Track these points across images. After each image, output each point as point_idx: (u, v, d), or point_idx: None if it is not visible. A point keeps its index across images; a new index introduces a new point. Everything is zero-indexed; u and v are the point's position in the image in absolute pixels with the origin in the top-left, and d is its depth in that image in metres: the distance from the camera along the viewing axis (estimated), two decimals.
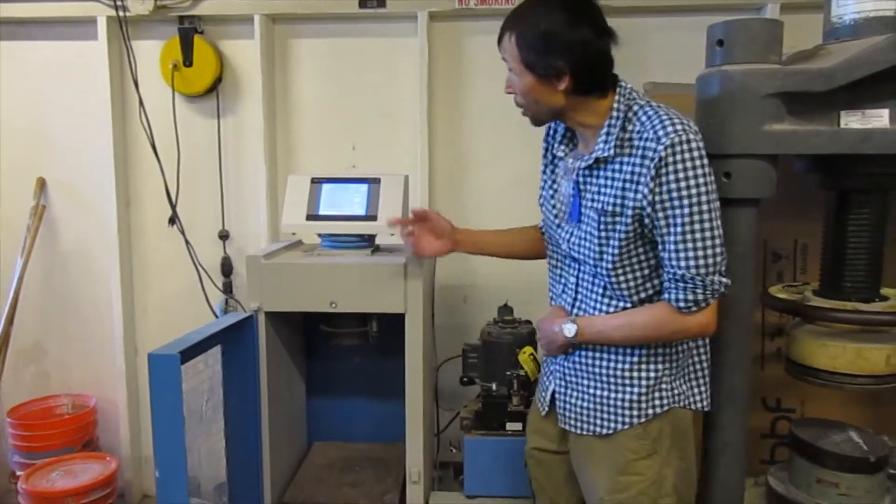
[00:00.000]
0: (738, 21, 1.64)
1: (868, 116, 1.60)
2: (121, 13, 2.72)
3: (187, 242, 2.85)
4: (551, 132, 1.69)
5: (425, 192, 2.79)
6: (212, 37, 2.84)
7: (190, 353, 1.81)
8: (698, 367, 1.61)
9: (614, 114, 1.46)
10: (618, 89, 1.48)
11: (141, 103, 2.78)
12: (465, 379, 2.31)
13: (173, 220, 2.84)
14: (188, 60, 2.78)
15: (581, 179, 1.53)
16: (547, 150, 1.70)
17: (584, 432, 1.60)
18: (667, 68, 2.59)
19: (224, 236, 2.94)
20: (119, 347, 2.98)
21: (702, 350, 1.62)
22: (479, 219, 2.86)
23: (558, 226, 1.62)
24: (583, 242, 1.53)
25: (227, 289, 2.95)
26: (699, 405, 1.61)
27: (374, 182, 2.30)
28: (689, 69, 1.89)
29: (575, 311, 1.60)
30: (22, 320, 2.94)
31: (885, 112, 1.59)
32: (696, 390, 1.60)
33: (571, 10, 1.41)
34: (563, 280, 1.65)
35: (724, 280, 1.44)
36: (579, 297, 1.60)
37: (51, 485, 2.65)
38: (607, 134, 1.46)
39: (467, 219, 2.87)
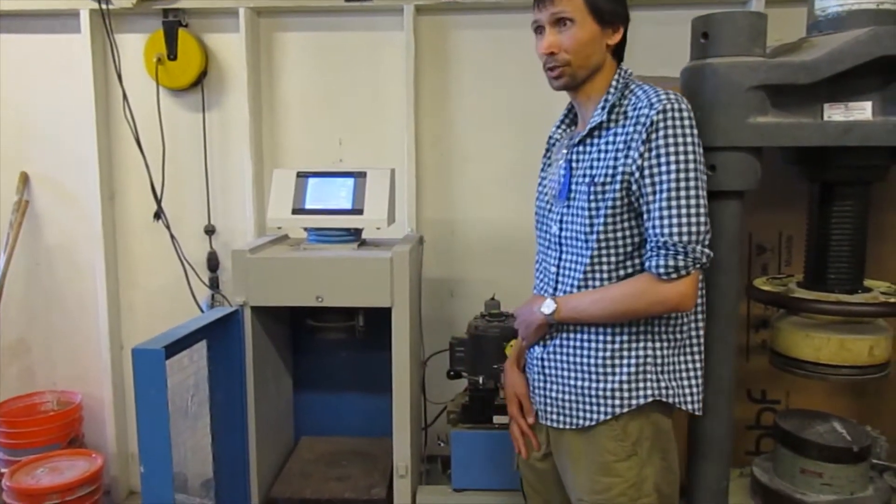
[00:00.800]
0: (722, 14, 1.65)
1: (851, 109, 1.61)
2: (104, 6, 2.70)
3: (173, 237, 2.83)
4: (554, 126, 1.71)
5: (412, 186, 2.78)
6: (196, 30, 2.82)
7: (175, 347, 1.80)
8: (690, 365, 1.56)
9: (611, 89, 1.50)
10: (619, 69, 1.54)
11: (125, 97, 2.75)
12: (452, 373, 2.31)
13: (158, 214, 2.82)
14: (172, 54, 2.76)
15: (574, 157, 1.54)
16: (548, 143, 1.71)
17: (564, 426, 1.56)
18: (651, 61, 2.55)
19: (210, 231, 2.92)
20: (104, 343, 2.96)
21: (696, 348, 1.56)
22: (465, 212, 2.87)
23: (549, 210, 1.61)
24: (573, 219, 1.52)
25: (214, 284, 2.93)
26: (689, 406, 1.55)
27: (360, 176, 2.30)
28: (673, 62, 1.89)
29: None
30: (6, 316, 2.92)
31: (868, 104, 1.60)
32: (686, 390, 1.55)
33: None
34: (544, 271, 1.64)
35: (706, 251, 1.41)
36: (559, 284, 1.57)
37: (36, 482, 2.63)
38: (603, 106, 1.49)
39: (453, 212, 2.87)
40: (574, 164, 1.54)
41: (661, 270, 1.40)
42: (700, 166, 1.41)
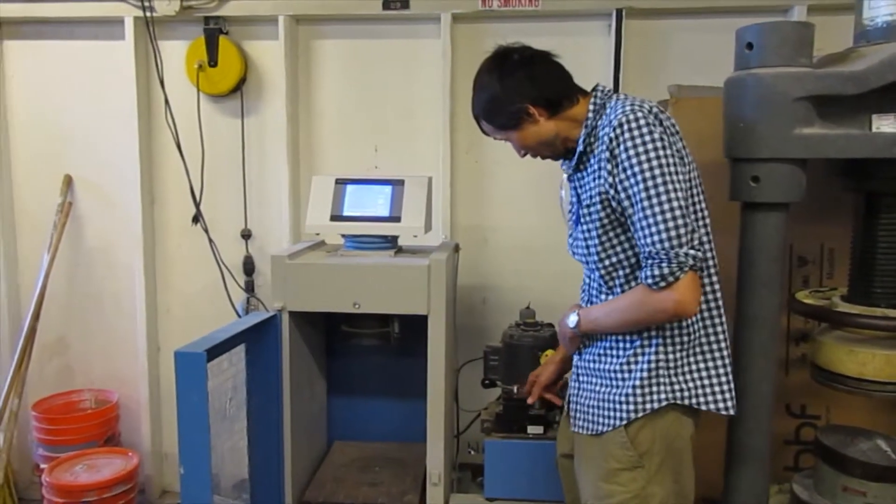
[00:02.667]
0: (768, 24, 1.63)
1: None
2: (148, 14, 2.75)
3: (210, 241, 2.87)
4: None
5: (447, 192, 2.79)
6: (236, 37, 2.86)
7: (215, 351, 1.82)
8: (710, 364, 1.53)
9: (589, 115, 1.54)
10: (594, 93, 1.56)
11: (167, 102, 2.80)
12: (486, 381, 2.30)
13: (197, 218, 2.86)
14: (213, 60, 2.80)
15: (577, 184, 1.60)
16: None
17: (585, 431, 1.60)
18: (691, 71, 2.57)
19: (246, 235, 2.96)
20: (142, 344, 3.01)
21: (712, 339, 1.54)
22: (499, 219, 2.87)
23: (570, 234, 1.68)
24: (577, 242, 1.60)
25: (249, 288, 2.96)
26: (713, 405, 1.52)
27: (397, 183, 2.31)
28: (713, 71, 1.88)
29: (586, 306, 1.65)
30: (47, 315, 2.97)
31: None
32: (707, 389, 1.52)
33: (495, 68, 1.56)
34: (584, 280, 1.70)
35: (691, 252, 1.38)
36: (591, 296, 1.64)
37: (74, 478, 2.68)
38: (584, 133, 1.54)
39: (487, 219, 2.87)
40: (579, 191, 1.60)
41: (650, 281, 1.41)
42: (669, 168, 1.39)
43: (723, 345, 1.55)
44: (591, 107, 1.54)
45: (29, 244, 3.06)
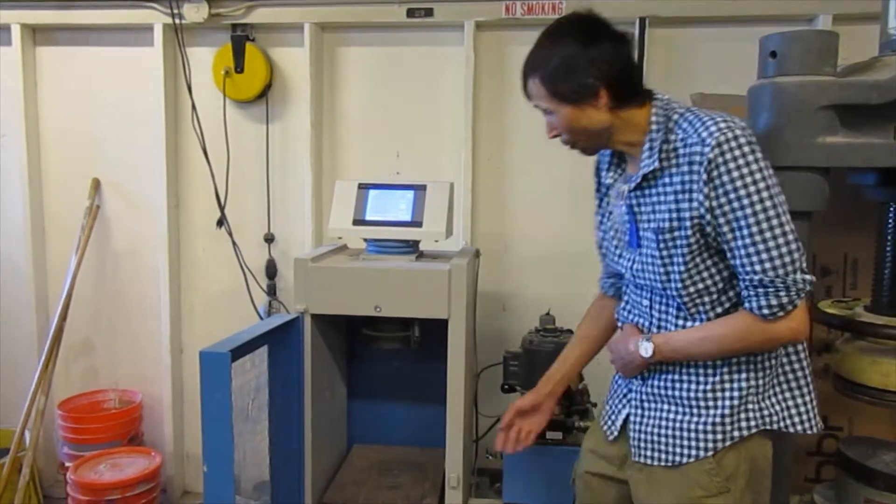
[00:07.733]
0: (792, 33, 1.64)
1: None
2: (177, 21, 2.81)
3: (234, 244, 2.91)
4: (599, 165, 1.64)
5: (468, 199, 2.81)
6: (263, 44, 2.90)
7: (239, 352, 1.85)
8: (792, 382, 1.46)
9: (653, 126, 1.40)
10: (654, 101, 1.42)
11: (193, 108, 2.85)
12: (505, 386, 2.31)
13: (221, 222, 2.90)
14: (240, 67, 2.85)
15: (634, 202, 1.47)
16: (598, 184, 1.65)
17: (657, 462, 1.48)
18: (715, 79, 2.57)
19: (269, 239, 2.99)
20: (165, 345, 3.05)
21: (794, 363, 1.46)
22: (519, 226, 2.88)
23: (620, 255, 1.56)
24: (646, 267, 1.46)
25: (271, 291, 3.00)
26: (800, 427, 1.45)
27: (419, 189, 2.33)
28: (737, 79, 1.89)
29: (654, 332, 1.51)
30: (73, 316, 3.03)
31: None
32: (793, 410, 1.45)
33: (583, 32, 1.38)
34: (636, 303, 1.56)
35: (807, 277, 1.31)
36: (654, 319, 1.50)
37: (98, 476, 2.72)
38: (650, 148, 1.40)
39: (508, 226, 2.88)
40: (636, 210, 1.47)
41: (766, 312, 1.32)
42: (775, 189, 1.30)
43: (805, 363, 1.47)
44: (653, 118, 1.40)
45: (57, 246, 3.12)
